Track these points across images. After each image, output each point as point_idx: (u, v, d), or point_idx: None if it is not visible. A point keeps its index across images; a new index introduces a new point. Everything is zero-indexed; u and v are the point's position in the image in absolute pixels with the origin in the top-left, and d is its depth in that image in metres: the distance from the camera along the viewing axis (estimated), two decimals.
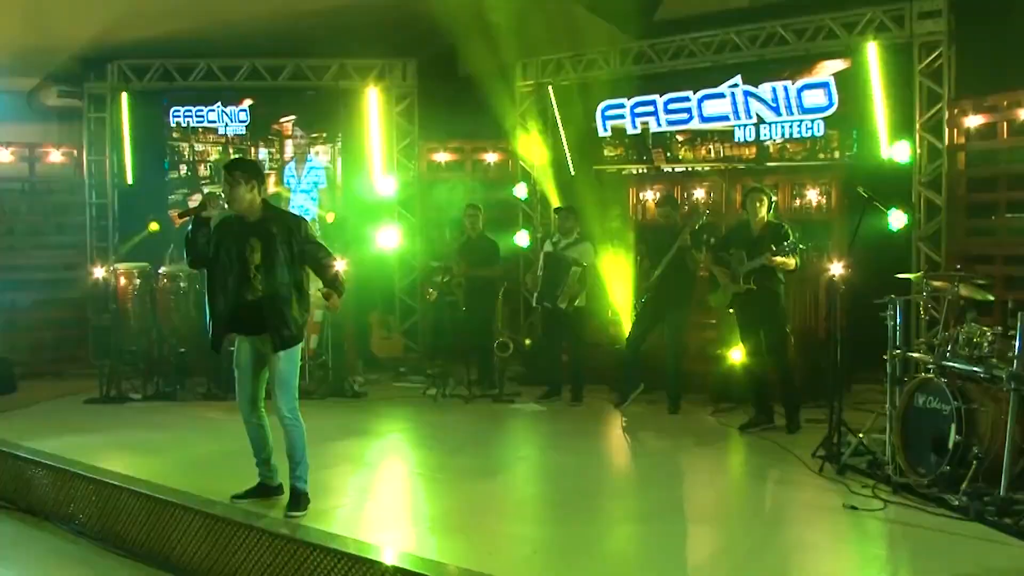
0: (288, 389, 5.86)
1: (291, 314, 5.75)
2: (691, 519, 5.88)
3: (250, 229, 5.73)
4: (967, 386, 6.00)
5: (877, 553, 5.26)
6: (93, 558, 5.98)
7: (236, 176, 5.66)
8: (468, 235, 9.78)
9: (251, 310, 5.73)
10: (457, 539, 5.44)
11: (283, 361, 5.80)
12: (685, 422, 8.41)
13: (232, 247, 5.73)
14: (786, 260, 7.52)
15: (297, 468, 5.87)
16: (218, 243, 5.76)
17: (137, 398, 9.18)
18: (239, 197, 5.67)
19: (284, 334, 5.75)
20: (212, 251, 5.75)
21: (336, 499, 6.15)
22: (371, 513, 6.06)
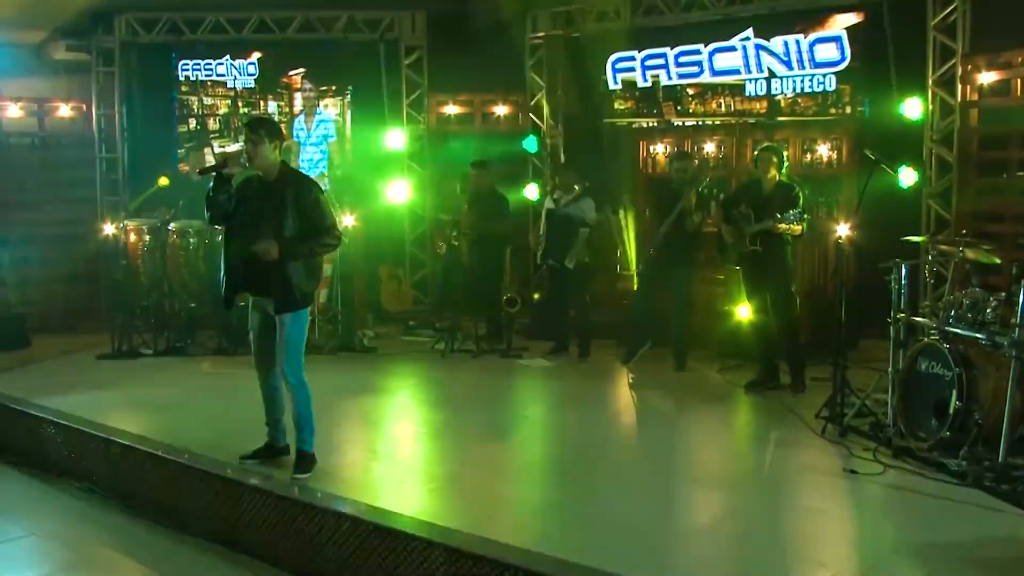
0: (293, 354, 5.84)
1: (297, 279, 5.73)
2: (691, 483, 5.92)
3: (267, 189, 5.75)
4: (969, 351, 6.01)
5: (872, 519, 5.30)
6: (104, 515, 6.09)
7: (260, 135, 5.65)
8: (477, 191, 9.78)
9: (261, 270, 5.71)
10: (459, 501, 5.54)
11: (288, 325, 5.78)
12: (691, 380, 8.46)
13: (249, 206, 5.74)
14: (791, 227, 7.48)
15: (302, 432, 5.91)
16: (238, 201, 5.76)
17: (148, 353, 9.26)
18: (261, 155, 5.67)
19: (287, 297, 5.74)
20: (232, 208, 5.76)
21: (342, 459, 6.24)
22: (376, 474, 6.13)
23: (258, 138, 5.64)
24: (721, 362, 8.81)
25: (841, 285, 6.88)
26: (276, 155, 5.74)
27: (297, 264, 5.73)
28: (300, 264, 5.74)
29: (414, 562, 4.78)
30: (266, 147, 5.66)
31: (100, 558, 5.46)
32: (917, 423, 6.18)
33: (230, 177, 5.75)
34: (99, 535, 5.81)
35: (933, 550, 4.75)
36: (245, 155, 5.75)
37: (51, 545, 5.62)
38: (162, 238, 9.42)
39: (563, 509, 5.44)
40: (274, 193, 5.71)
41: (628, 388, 8.40)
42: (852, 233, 7.13)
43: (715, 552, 4.86)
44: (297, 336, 5.85)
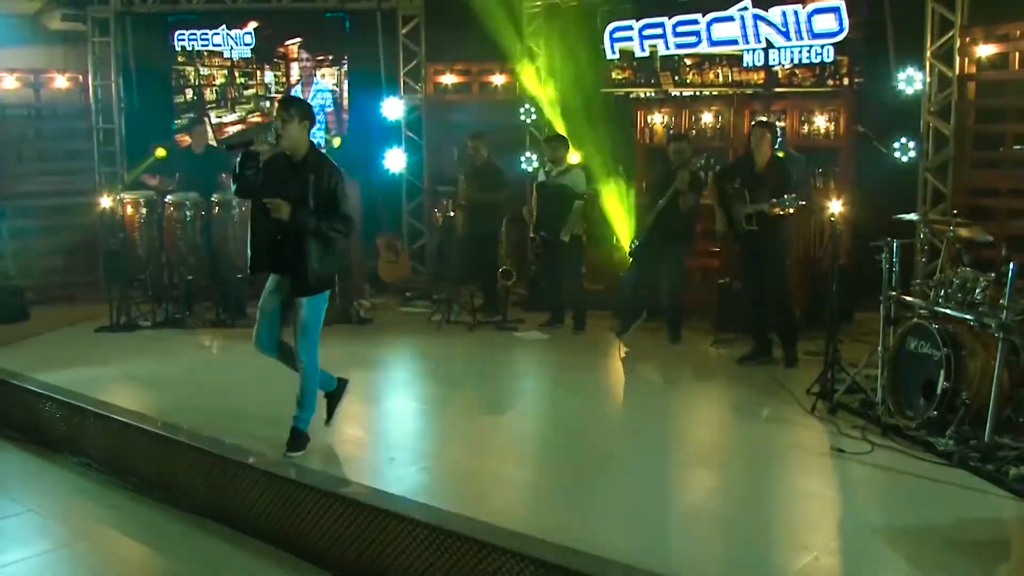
0: (309, 337, 5.92)
1: (313, 263, 5.78)
2: (679, 462, 5.98)
3: (292, 169, 5.80)
4: (958, 331, 6.03)
5: (857, 501, 5.37)
6: (101, 491, 6.12)
7: (291, 113, 5.70)
8: (473, 163, 9.78)
9: (278, 249, 5.81)
10: (450, 480, 5.61)
11: (306, 309, 5.86)
12: (685, 353, 8.51)
13: (273, 184, 5.77)
14: (787, 211, 7.46)
15: (302, 412, 5.98)
16: (264, 178, 5.82)
17: (146, 325, 9.33)
18: (290, 134, 5.71)
19: (303, 281, 5.80)
20: (259, 184, 5.81)
21: (335, 435, 6.28)
22: (368, 451, 6.20)
23: (288, 116, 5.69)
24: (716, 335, 8.85)
25: (833, 263, 6.89)
26: (305, 135, 5.78)
27: (313, 247, 5.76)
28: (315, 248, 5.77)
29: (402, 542, 4.85)
30: (295, 126, 5.70)
31: (97, 535, 5.50)
32: (906, 402, 6.22)
33: (257, 153, 5.83)
34: (96, 511, 5.85)
35: (914, 533, 4.80)
36: (274, 133, 5.77)
37: (49, 522, 5.67)
38: (158, 211, 9.44)
39: (550, 488, 5.51)
40: (299, 173, 5.76)
41: (621, 362, 8.44)
42: (844, 209, 7.14)
43: (698, 533, 4.90)
44: (313, 319, 5.91)
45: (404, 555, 4.80)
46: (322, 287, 5.92)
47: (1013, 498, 5.12)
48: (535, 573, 4.34)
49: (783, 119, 10.07)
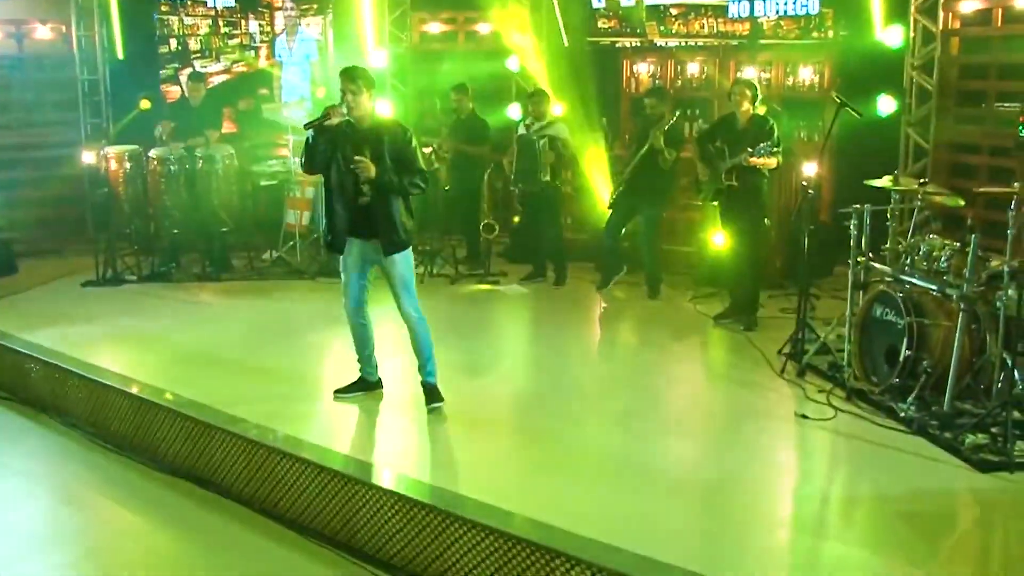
0: (409, 289, 6.18)
1: (399, 219, 6.00)
2: (643, 429, 6.02)
3: (362, 136, 5.93)
4: (923, 299, 6.11)
5: (813, 470, 5.53)
6: (85, 453, 6.24)
7: (360, 84, 5.84)
8: (457, 115, 9.78)
9: (363, 214, 5.99)
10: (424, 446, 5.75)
11: (399, 264, 6.09)
12: (663, 310, 8.61)
13: (345, 153, 5.91)
14: (766, 160, 7.47)
15: (427, 364, 6.25)
16: (334, 149, 5.96)
17: (133, 280, 9.43)
18: (359, 104, 5.86)
19: (393, 238, 6.01)
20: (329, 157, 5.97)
21: (314, 402, 6.43)
22: (346, 418, 6.27)
23: (358, 88, 5.83)
24: (695, 290, 8.96)
25: (805, 228, 6.95)
26: (371, 104, 5.96)
27: (398, 204, 5.98)
28: (400, 203, 6.00)
29: (370, 510, 5.00)
30: (364, 96, 5.86)
31: (79, 498, 5.63)
32: (871, 367, 6.34)
33: (328, 128, 5.92)
34: (79, 473, 5.97)
35: (866, 503, 4.97)
36: (345, 105, 5.86)
37: (32, 484, 5.80)
38: (143, 165, 9.47)
39: (516, 457, 5.63)
40: (371, 138, 5.91)
41: (598, 321, 8.56)
42: (820, 171, 7.18)
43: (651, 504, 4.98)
44: (409, 273, 6.19)
45: (374, 522, 4.95)
46: (410, 240, 6.16)
47: (966, 467, 5.26)
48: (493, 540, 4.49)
49: (768, 71, 10.07)
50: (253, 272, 9.78)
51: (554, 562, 4.30)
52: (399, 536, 4.87)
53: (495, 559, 4.50)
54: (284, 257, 10.02)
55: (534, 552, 4.37)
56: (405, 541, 4.84)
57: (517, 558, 4.42)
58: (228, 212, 9.62)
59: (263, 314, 8.51)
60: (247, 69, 11.27)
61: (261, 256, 10.12)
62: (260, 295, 9.11)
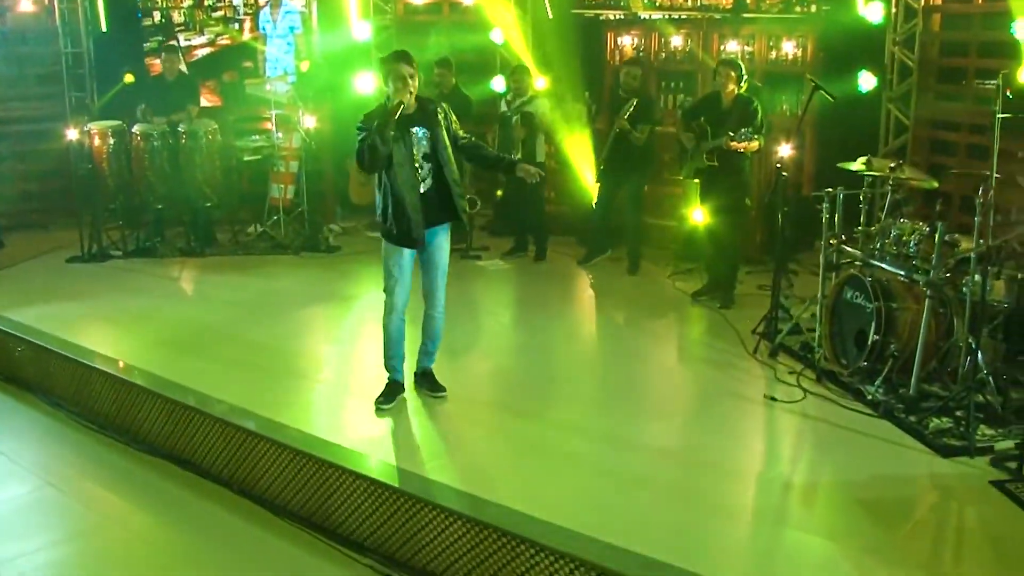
0: (445, 281, 6.05)
1: (462, 200, 5.90)
2: (619, 410, 6.12)
3: (412, 120, 5.72)
4: (891, 284, 6.20)
5: (777, 454, 5.64)
6: (69, 433, 6.36)
7: (415, 67, 5.63)
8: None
9: (428, 201, 5.76)
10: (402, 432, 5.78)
11: (445, 248, 5.98)
12: (642, 286, 8.71)
13: (401, 141, 5.66)
14: (747, 144, 7.52)
15: (436, 351, 6.19)
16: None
17: (118, 255, 9.50)
18: (414, 88, 5.65)
19: (467, 209, 6.00)
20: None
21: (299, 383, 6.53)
22: (327, 400, 6.36)
23: (415, 71, 5.62)
24: (675, 265, 9.04)
25: (779, 208, 7.02)
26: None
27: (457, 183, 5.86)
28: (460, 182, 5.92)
29: (344, 492, 5.11)
30: (416, 80, 5.66)
31: (63, 477, 5.72)
32: (841, 349, 6.44)
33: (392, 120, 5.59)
34: (63, 454, 6.08)
35: (827, 489, 5.08)
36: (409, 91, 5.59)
37: (16, 465, 5.88)
38: (126, 141, 9.50)
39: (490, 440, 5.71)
40: (426, 122, 5.73)
41: (576, 299, 8.65)
42: (794, 153, 7.22)
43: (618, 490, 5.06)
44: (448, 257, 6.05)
45: (347, 505, 5.07)
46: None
47: (928, 452, 5.36)
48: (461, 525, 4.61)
49: (751, 44, 10.08)
50: (238, 247, 9.86)
51: (519, 547, 4.42)
52: (372, 519, 4.99)
53: (462, 544, 4.63)
54: (268, 231, 10.08)
55: (501, 538, 4.49)
56: (377, 524, 4.97)
57: (484, 543, 4.55)
58: (212, 187, 9.67)
59: (247, 291, 8.59)
60: (231, 42, 11.23)
61: (246, 230, 10.18)
62: (244, 271, 9.19)
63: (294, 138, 9.97)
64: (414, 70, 5.61)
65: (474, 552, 4.58)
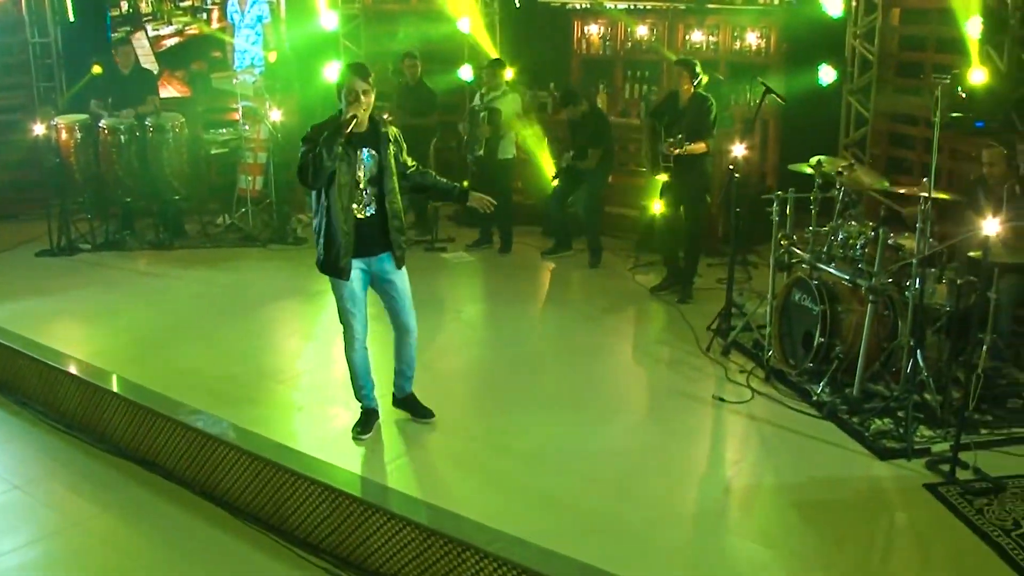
0: (412, 304, 5.73)
1: (399, 234, 5.55)
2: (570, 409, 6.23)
3: (362, 140, 5.37)
4: (837, 287, 6.34)
5: (721, 457, 5.76)
6: (37, 433, 6.40)
7: (371, 83, 5.27)
8: (407, 82, 9.86)
9: (368, 228, 5.44)
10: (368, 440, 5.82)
11: (404, 275, 5.66)
12: (603, 280, 8.86)
13: (345, 161, 5.30)
14: (690, 147, 7.64)
15: (413, 374, 5.95)
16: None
17: (87, 248, 9.56)
18: (370, 105, 5.31)
19: (403, 247, 5.59)
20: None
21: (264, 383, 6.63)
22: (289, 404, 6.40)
23: (370, 87, 5.26)
24: (636, 257, 9.18)
25: (732, 213, 7.14)
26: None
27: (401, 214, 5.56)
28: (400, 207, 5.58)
29: (299, 497, 5.25)
30: (372, 96, 5.31)
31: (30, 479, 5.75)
32: (790, 349, 6.59)
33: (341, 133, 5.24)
34: (29, 454, 6.11)
35: (766, 493, 5.22)
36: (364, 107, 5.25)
37: None
38: (94, 135, 9.54)
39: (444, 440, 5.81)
40: (373, 142, 5.39)
41: (538, 292, 8.75)
42: (748, 153, 7.34)
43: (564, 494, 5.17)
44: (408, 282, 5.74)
45: (303, 509, 5.19)
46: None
47: (867, 454, 5.53)
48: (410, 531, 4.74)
49: (715, 35, 10.18)
50: (206, 239, 9.94)
51: (465, 554, 4.56)
52: (326, 523, 5.12)
53: (411, 549, 4.77)
54: (237, 223, 10.16)
55: (447, 544, 4.63)
56: (331, 528, 5.10)
57: (431, 549, 4.69)
58: (180, 180, 9.75)
59: (214, 286, 8.69)
60: (199, 32, 11.24)
61: (215, 221, 10.26)
62: (212, 264, 9.28)
63: (261, 129, 10.01)
64: (369, 86, 5.26)
65: (422, 557, 4.73)
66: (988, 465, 5.30)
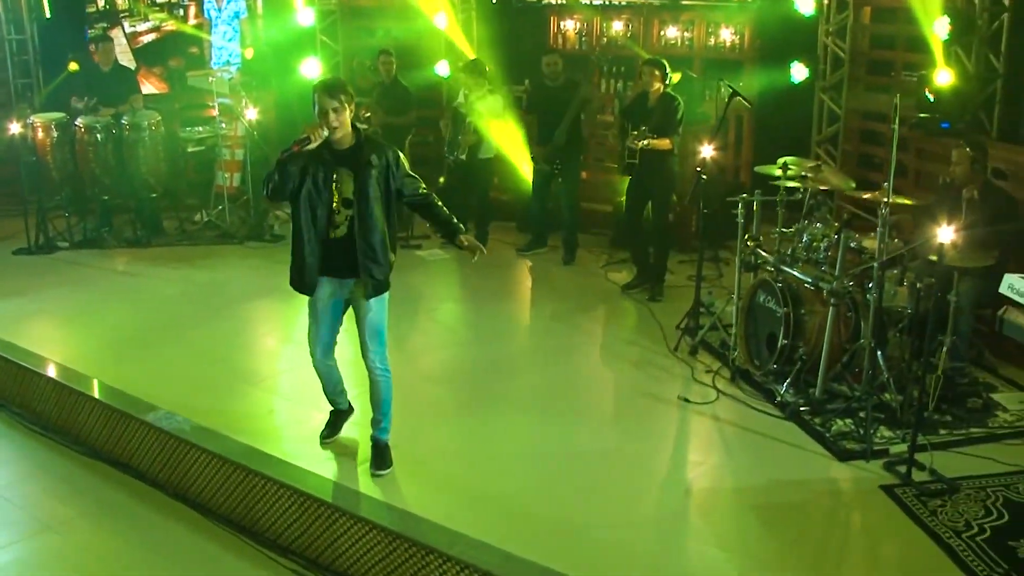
0: (381, 339, 5.48)
1: (381, 257, 5.28)
2: (537, 411, 6.34)
3: (340, 158, 5.17)
4: (801, 289, 6.43)
5: (683, 460, 5.84)
6: (13, 435, 6.45)
7: (342, 100, 5.04)
8: (383, 81, 9.90)
9: (338, 249, 5.28)
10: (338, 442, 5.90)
11: (375, 310, 5.40)
12: (576, 277, 8.95)
13: (319, 178, 5.16)
14: (655, 143, 7.75)
15: (383, 420, 5.62)
16: (303, 173, 5.16)
17: (65, 246, 9.59)
18: (343, 122, 5.07)
19: (378, 279, 5.31)
20: (298, 183, 5.15)
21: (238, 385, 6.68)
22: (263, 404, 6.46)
23: (340, 105, 5.04)
24: (610, 254, 9.27)
25: (699, 214, 7.22)
26: (350, 119, 5.15)
27: (383, 236, 5.27)
28: (386, 236, 5.29)
29: (268, 500, 5.34)
30: (346, 113, 5.08)
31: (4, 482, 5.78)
32: (755, 350, 6.68)
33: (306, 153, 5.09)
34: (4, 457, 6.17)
35: (726, 495, 5.32)
36: (326, 126, 5.05)
37: None
38: (70, 133, 9.57)
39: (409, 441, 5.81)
40: (353, 162, 5.17)
41: (511, 290, 8.82)
42: (716, 154, 7.42)
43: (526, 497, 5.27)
44: (383, 320, 5.48)
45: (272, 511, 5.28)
46: (388, 283, 5.42)
47: (827, 456, 5.64)
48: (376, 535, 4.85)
49: (690, 31, 10.26)
50: (184, 236, 10.00)
51: (428, 557, 4.67)
52: (295, 526, 5.22)
53: (377, 552, 4.87)
54: (214, 220, 10.20)
55: (411, 547, 4.73)
56: (300, 530, 5.19)
57: (396, 552, 4.79)
58: (156, 177, 9.79)
59: (191, 284, 8.74)
60: (176, 28, 11.26)
61: (192, 218, 10.30)
62: (190, 262, 9.32)
63: (239, 126, 10.05)
64: (340, 103, 5.04)
65: (387, 560, 4.83)
66: (945, 466, 5.42)
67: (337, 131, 5.08)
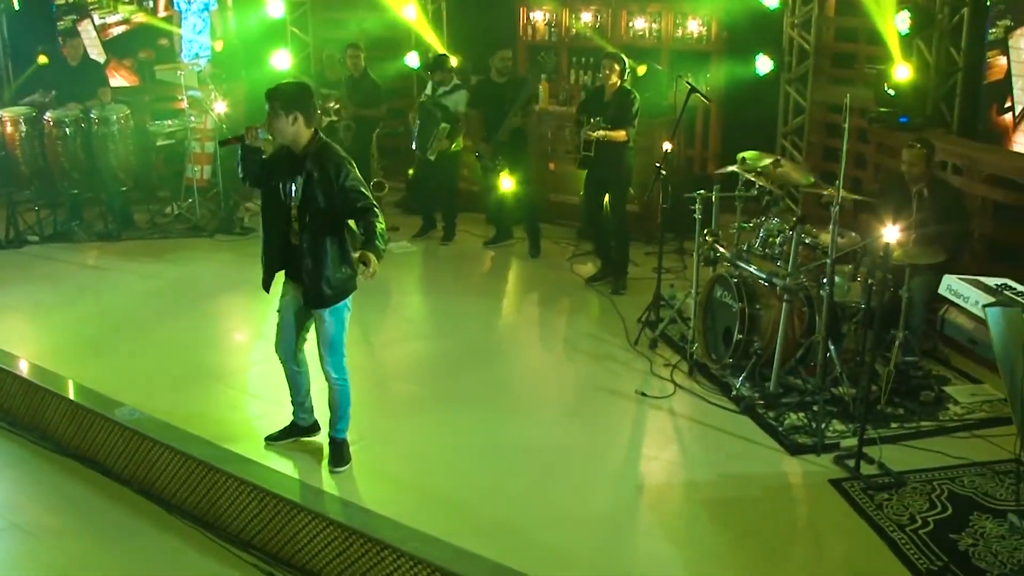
0: (334, 350, 5.48)
1: (327, 270, 5.24)
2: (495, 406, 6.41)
3: (294, 164, 5.19)
4: (756, 284, 6.53)
5: (636, 456, 5.89)
6: None
7: (275, 107, 5.09)
8: (352, 74, 9.93)
9: (294, 255, 5.31)
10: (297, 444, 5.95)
11: (327, 321, 5.39)
12: (541, 270, 9.04)
13: (276, 182, 5.25)
14: (609, 134, 7.83)
15: (339, 422, 5.67)
16: (270, 173, 5.29)
17: (35, 240, 9.59)
18: (278, 130, 5.10)
19: (319, 291, 5.27)
20: (265, 180, 5.31)
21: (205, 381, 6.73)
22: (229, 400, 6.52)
23: (272, 111, 5.10)
24: (576, 246, 9.36)
25: (659, 210, 7.31)
26: (296, 127, 5.09)
27: (332, 250, 5.23)
28: (333, 251, 5.24)
29: (230, 496, 5.43)
30: (281, 120, 5.07)
31: None
32: (712, 344, 6.79)
33: (257, 149, 5.27)
34: None
35: (677, 490, 5.42)
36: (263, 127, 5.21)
37: None
38: (39, 127, 9.58)
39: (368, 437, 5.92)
40: (302, 168, 5.16)
41: (475, 283, 8.83)
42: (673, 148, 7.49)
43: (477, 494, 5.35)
44: (337, 331, 5.45)
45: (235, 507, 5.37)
46: (344, 294, 5.38)
47: (779, 450, 5.75)
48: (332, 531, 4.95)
49: (658, 22, 10.33)
50: (155, 229, 10.01)
51: (383, 552, 4.77)
52: (256, 521, 5.31)
53: (334, 547, 4.97)
54: (184, 214, 10.23)
55: (366, 543, 4.83)
56: (261, 525, 5.28)
57: (352, 547, 4.89)
58: (126, 171, 9.81)
59: (161, 279, 8.77)
60: (146, 20, 11.24)
61: (163, 211, 10.32)
62: (159, 256, 9.35)
63: (208, 119, 10.06)
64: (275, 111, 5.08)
65: (344, 555, 4.93)
66: (894, 459, 5.54)
67: (275, 136, 5.14)
